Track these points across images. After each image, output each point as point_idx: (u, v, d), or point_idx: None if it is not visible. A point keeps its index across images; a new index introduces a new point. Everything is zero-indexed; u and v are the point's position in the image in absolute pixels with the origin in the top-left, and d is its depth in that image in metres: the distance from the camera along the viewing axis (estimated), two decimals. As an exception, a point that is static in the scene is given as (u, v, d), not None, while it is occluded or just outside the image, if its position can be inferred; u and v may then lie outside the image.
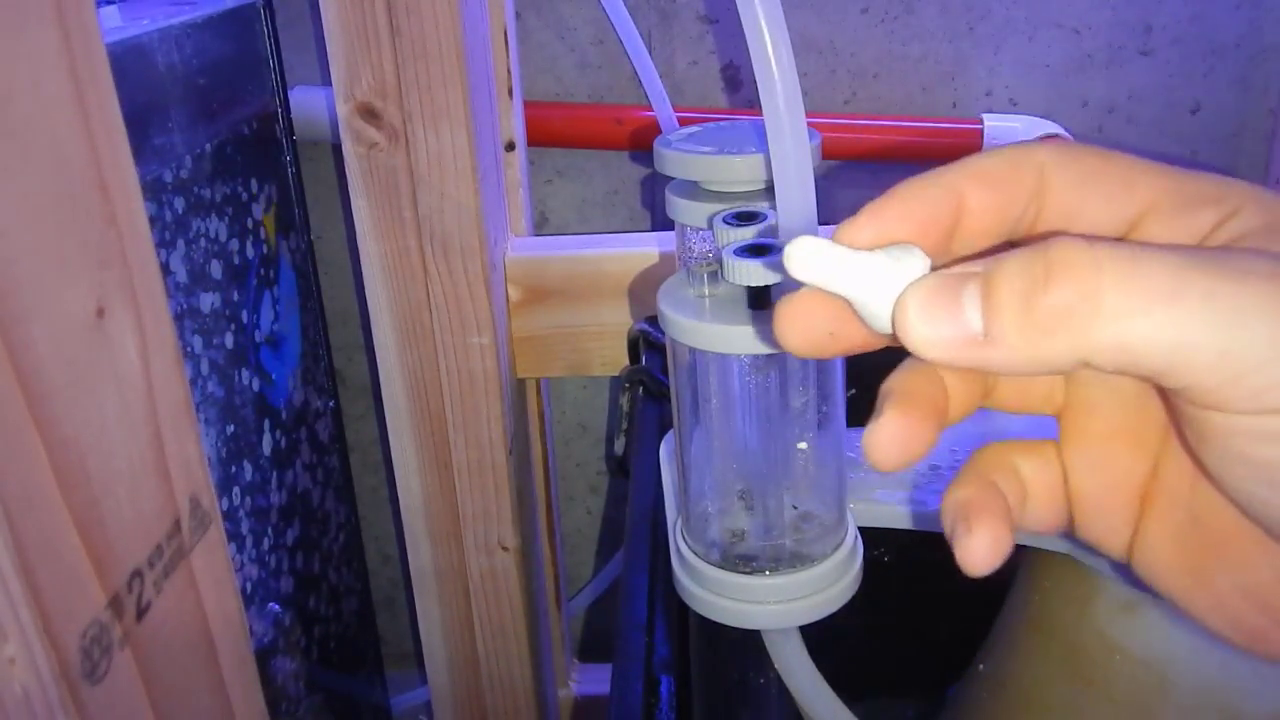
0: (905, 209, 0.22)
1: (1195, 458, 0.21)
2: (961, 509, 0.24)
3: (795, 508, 0.44)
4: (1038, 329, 0.19)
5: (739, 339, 0.38)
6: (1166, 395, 0.21)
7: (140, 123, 0.56)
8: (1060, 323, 0.19)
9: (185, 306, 0.60)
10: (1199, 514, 0.23)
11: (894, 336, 0.21)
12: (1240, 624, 0.23)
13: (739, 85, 0.86)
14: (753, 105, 0.85)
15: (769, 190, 0.43)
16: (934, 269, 0.21)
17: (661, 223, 0.89)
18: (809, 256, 0.22)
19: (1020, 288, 0.19)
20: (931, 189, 0.22)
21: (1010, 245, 0.22)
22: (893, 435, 0.23)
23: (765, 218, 0.40)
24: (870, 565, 0.44)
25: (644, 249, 0.74)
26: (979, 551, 0.23)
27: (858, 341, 0.23)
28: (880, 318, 0.22)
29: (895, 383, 0.24)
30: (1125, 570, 0.43)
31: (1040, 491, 0.25)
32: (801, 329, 0.23)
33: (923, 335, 0.20)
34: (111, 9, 0.63)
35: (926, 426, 0.23)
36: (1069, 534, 0.26)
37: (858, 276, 0.21)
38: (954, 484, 0.25)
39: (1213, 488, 0.22)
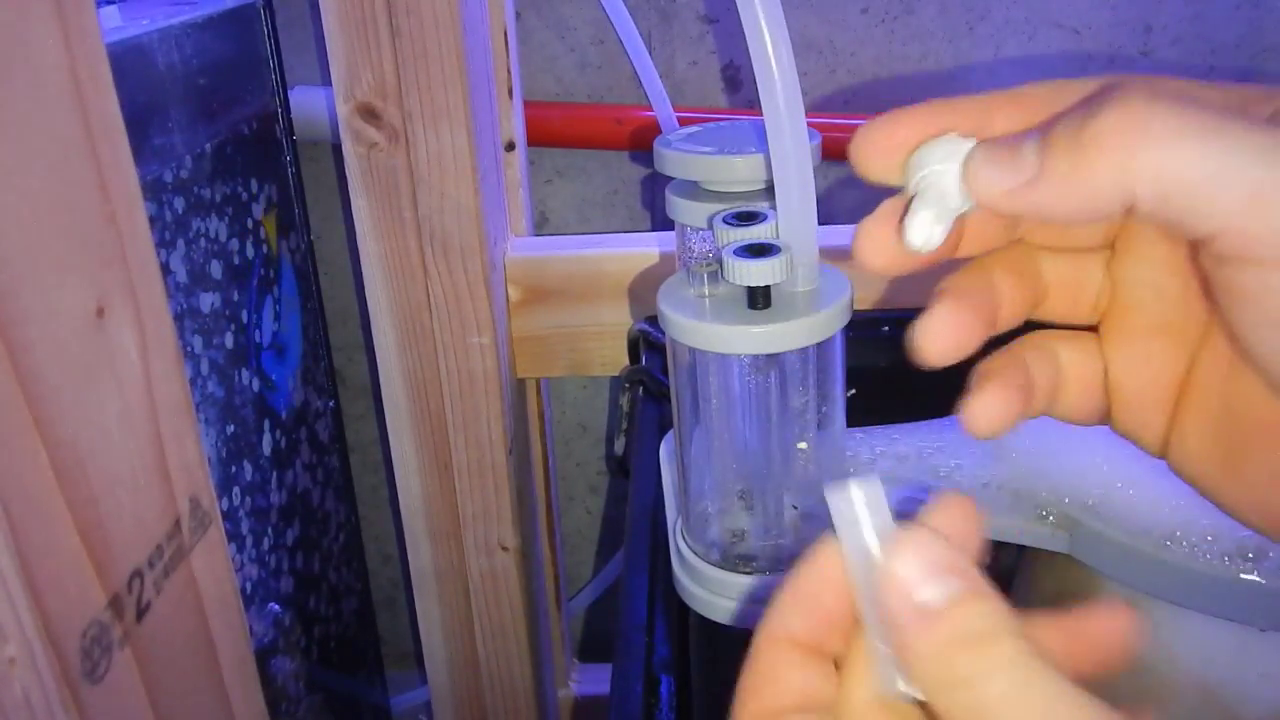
0: (939, 116, 0.24)
1: (1231, 335, 0.22)
2: (981, 374, 0.25)
3: (795, 508, 0.44)
4: (1085, 150, 0.20)
5: (739, 339, 0.38)
6: (1206, 273, 0.22)
7: (140, 123, 0.56)
8: (1106, 143, 0.20)
9: (185, 307, 0.60)
10: (1233, 405, 0.24)
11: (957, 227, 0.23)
12: (1270, 511, 0.23)
13: (739, 85, 0.86)
14: (753, 105, 0.85)
15: (769, 190, 0.43)
16: None
17: (661, 223, 0.89)
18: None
19: (1074, 123, 0.20)
20: (963, 103, 0.24)
21: None
22: (944, 325, 0.24)
23: (765, 218, 0.40)
24: (870, 565, 0.44)
25: (644, 249, 0.74)
26: (980, 412, 0.24)
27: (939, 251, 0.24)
28: (952, 188, 0.23)
29: (949, 282, 0.25)
30: (1125, 570, 0.43)
31: (1078, 380, 0.26)
32: (877, 244, 0.24)
33: (986, 177, 0.22)
34: (111, 9, 0.63)
35: (978, 321, 0.24)
36: (1107, 423, 0.27)
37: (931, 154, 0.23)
38: (988, 359, 0.25)
39: (1248, 378, 0.22)
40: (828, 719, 0.22)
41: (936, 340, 0.24)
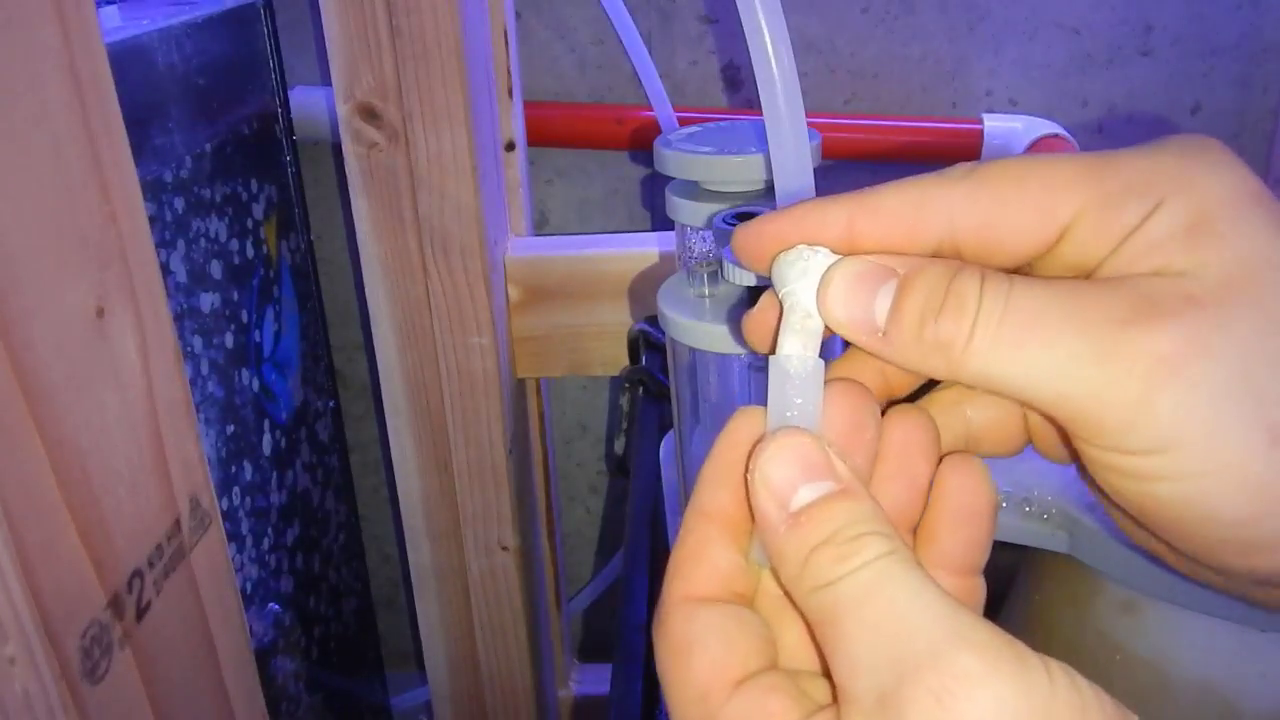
0: (801, 222, 0.23)
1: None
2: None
3: (795, 508, 0.44)
4: (923, 348, 0.21)
5: (739, 339, 0.37)
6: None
7: (140, 123, 0.56)
8: (941, 350, 0.21)
9: (185, 307, 0.60)
10: None
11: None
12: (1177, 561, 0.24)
13: (739, 85, 0.86)
14: (753, 105, 0.85)
15: (769, 190, 0.43)
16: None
17: (661, 223, 0.89)
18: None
19: (921, 306, 0.21)
20: (826, 212, 0.23)
21: None
22: (838, 411, 0.24)
23: (765, 218, 0.40)
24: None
25: (644, 249, 0.74)
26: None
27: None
28: (814, 306, 0.23)
29: (838, 365, 0.25)
30: (1125, 570, 0.43)
31: (991, 424, 0.26)
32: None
33: (836, 315, 0.22)
34: (111, 9, 0.63)
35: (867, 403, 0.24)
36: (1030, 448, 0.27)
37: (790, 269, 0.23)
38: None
39: None
40: (746, 611, 0.22)
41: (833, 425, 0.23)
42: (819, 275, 0.23)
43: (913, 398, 0.26)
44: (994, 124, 0.83)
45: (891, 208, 0.23)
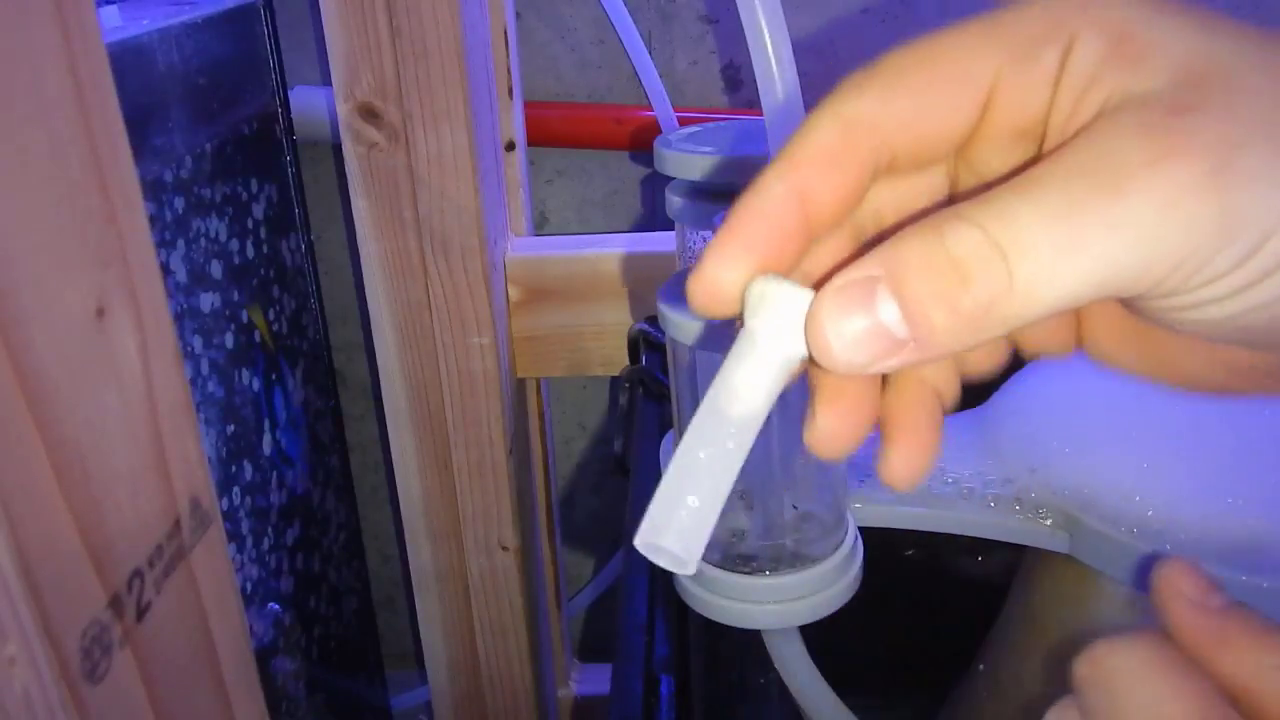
0: (749, 240, 0.21)
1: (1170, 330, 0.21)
2: (889, 424, 0.24)
3: (795, 508, 0.44)
4: (970, 324, 0.19)
5: (739, 339, 0.37)
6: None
7: (140, 123, 0.56)
8: (988, 312, 0.19)
9: (185, 306, 0.60)
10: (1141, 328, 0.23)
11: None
12: (1209, 384, 0.23)
13: (739, 85, 0.86)
14: (753, 105, 0.85)
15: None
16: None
17: (661, 223, 0.89)
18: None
19: (939, 290, 0.19)
20: (770, 202, 0.21)
21: None
22: (830, 423, 0.23)
23: (765, 218, 0.40)
24: (870, 565, 0.44)
25: (644, 249, 0.74)
26: (897, 467, 0.24)
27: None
28: (795, 354, 0.21)
29: (817, 376, 0.23)
30: (1125, 570, 0.43)
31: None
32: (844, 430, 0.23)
33: (848, 359, 0.20)
34: (111, 9, 0.63)
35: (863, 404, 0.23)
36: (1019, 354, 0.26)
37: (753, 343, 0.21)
38: (886, 403, 0.24)
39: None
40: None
41: (831, 442, 0.23)
42: (798, 315, 0.20)
43: None
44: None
45: (820, 152, 0.21)
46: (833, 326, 0.20)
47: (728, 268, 0.21)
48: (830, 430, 0.23)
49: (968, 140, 0.22)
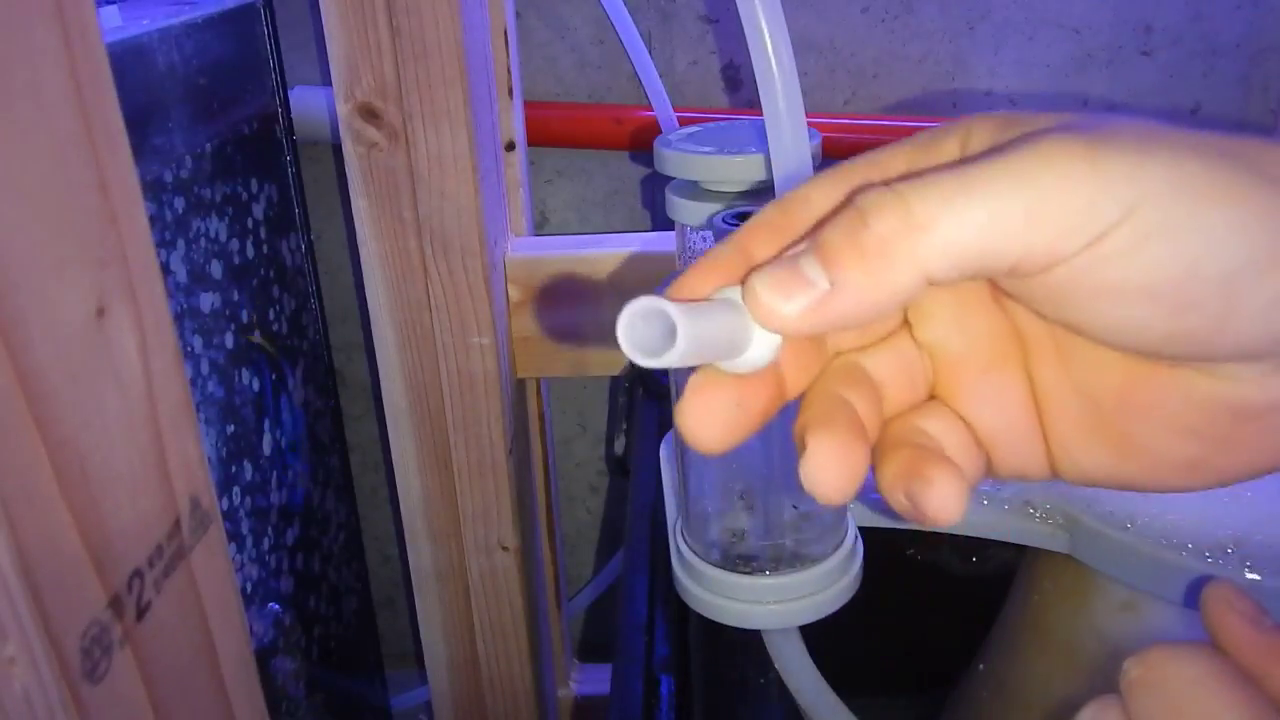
0: (704, 279, 0.23)
1: (1071, 329, 0.23)
2: (912, 465, 0.24)
3: (795, 508, 0.44)
4: (876, 259, 0.21)
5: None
6: (1019, 294, 0.23)
7: (140, 123, 0.56)
8: (891, 246, 0.21)
9: (185, 307, 0.60)
10: (1089, 391, 0.24)
11: (770, 372, 0.23)
12: (1178, 465, 0.24)
13: (739, 85, 0.86)
14: (753, 105, 0.85)
15: (769, 190, 0.43)
16: None
17: (661, 223, 0.89)
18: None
19: (846, 235, 0.21)
20: (723, 252, 0.24)
21: None
22: (829, 457, 0.23)
23: (765, 218, 0.40)
24: (870, 565, 0.44)
25: (644, 249, 0.74)
26: (941, 500, 0.23)
27: (762, 401, 0.24)
28: (743, 338, 0.22)
29: (804, 418, 0.24)
30: (1125, 570, 0.43)
31: (955, 450, 0.25)
32: (708, 418, 0.23)
33: (781, 310, 0.21)
34: (111, 9, 0.63)
35: (855, 438, 0.23)
36: (992, 476, 0.27)
37: (707, 315, 0.22)
38: (882, 458, 0.25)
39: (1085, 359, 0.24)
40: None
41: (829, 475, 0.23)
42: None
43: None
44: (994, 124, 0.83)
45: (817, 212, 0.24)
46: (761, 278, 0.22)
47: (701, 286, 0.23)
48: (822, 463, 0.23)
49: None
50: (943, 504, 0.23)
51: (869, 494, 0.47)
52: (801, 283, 0.21)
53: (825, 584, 0.42)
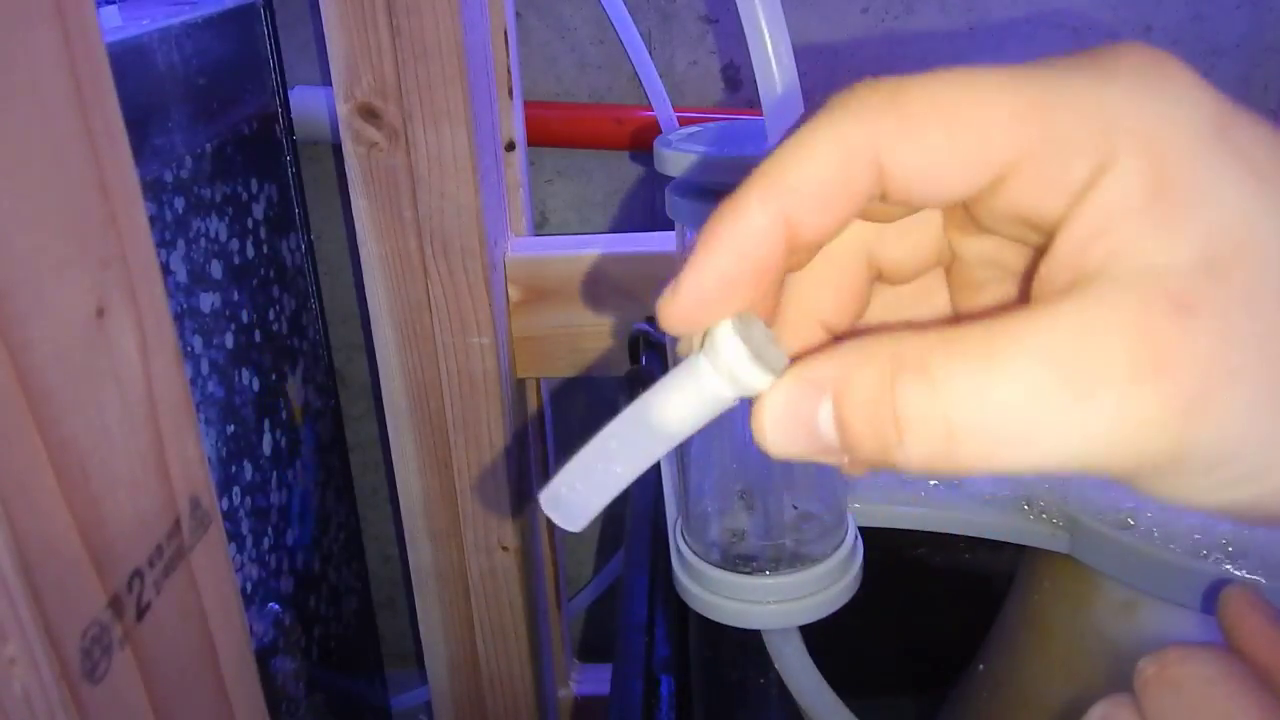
0: (725, 273, 0.20)
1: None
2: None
3: (795, 508, 0.44)
4: (899, 469, 0.19)
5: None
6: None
7: (140, 123, 0.56)
8: (915, 468, 0.19)
9: (185, 307, 0.60)
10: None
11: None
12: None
13: (739, 85, 0.86)
14: (753, 105, 0.85)
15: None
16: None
17: (661, 223, 0.89)
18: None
19: (876, 435, 0.19)
20: (751, 238, 0.20)
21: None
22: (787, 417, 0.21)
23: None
24: (870, 565, 0.44)
25: (644, 249, 0.74)
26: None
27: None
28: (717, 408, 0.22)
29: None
30: (1125, 570, 0.43)
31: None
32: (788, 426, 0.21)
33: (781, 450, 0.21)
34: (111, 9, 0.63)
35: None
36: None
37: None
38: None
39: None
40: None
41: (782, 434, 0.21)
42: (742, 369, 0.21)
43: None
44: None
45: (813, 184, 0.20)
46: (773, 421, 0.20)
47: (702, 310, 0.21)
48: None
49: (972, 199, 0.20)
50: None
51: (869, 494, 0.47)
52: (814, 438, 0.20)
53: (825, 584, 0.42)
